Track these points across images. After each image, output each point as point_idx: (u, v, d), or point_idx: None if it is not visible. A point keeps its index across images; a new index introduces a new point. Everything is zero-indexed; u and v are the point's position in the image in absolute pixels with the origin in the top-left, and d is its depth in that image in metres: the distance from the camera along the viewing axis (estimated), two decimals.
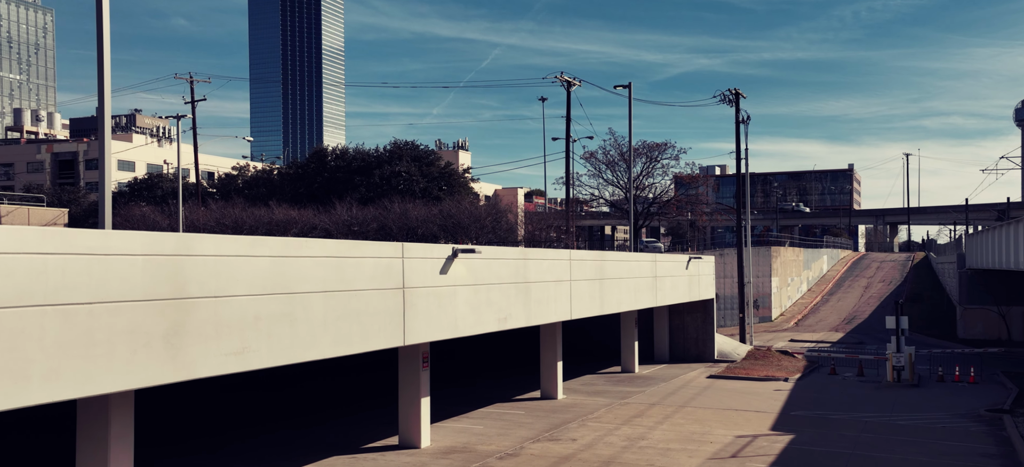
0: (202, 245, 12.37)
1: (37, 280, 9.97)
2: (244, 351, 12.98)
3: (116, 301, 10.96)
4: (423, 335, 17.60)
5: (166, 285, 11.70)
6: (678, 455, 20.57)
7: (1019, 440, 21.85)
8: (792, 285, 73.46)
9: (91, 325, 10.61)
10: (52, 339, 10.13)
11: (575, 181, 59.72)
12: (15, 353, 9.71)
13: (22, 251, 9.81)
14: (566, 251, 24.94)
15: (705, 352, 39.76)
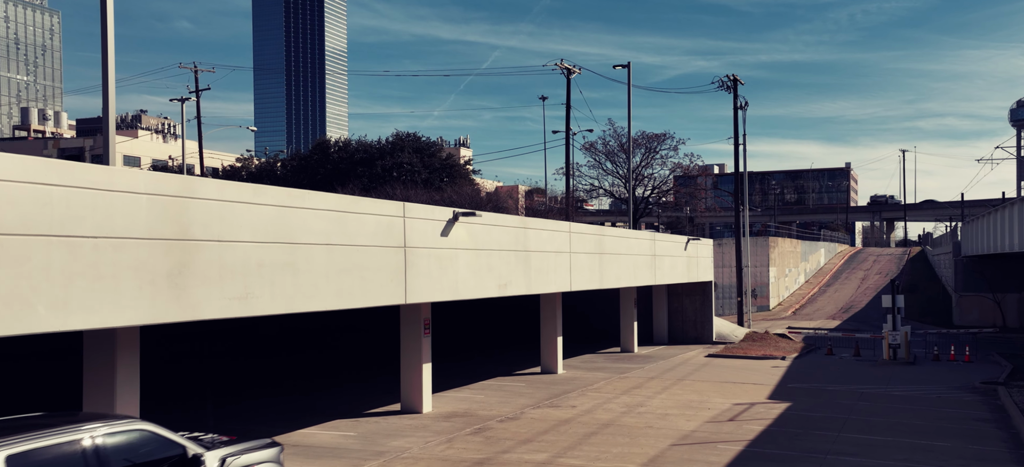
0: (206, 189, 12.39)
1: (42, 210, 9.98)
2: (247, 297, 12.99)
3: (121, 237, 10.97)
4: (424, 294, 17.60)
5: (170, 225, 11.71)
6: (676, 419, 20.58)
7: (1012, 406, 21.84)
8: (789, 276, 73.42)
9: (97, 259, 10.63)
10: (58, 269, 10.14)
11: (575, 172, 59.74)
12: (22, 280, 9.72)
13: (27, 180, 9.82)
14: (566, 223, 24.96)
15: (703, 334, 39.76)
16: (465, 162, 71.38)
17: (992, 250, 42.84)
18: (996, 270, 52.36)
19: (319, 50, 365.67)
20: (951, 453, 16.94)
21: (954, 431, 19.27)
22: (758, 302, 64.41)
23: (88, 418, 9.14)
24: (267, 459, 10.84)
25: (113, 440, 8.94)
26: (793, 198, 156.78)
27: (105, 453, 8.76)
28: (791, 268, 73.92)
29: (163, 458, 9.32)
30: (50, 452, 8.26)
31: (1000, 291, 53.00)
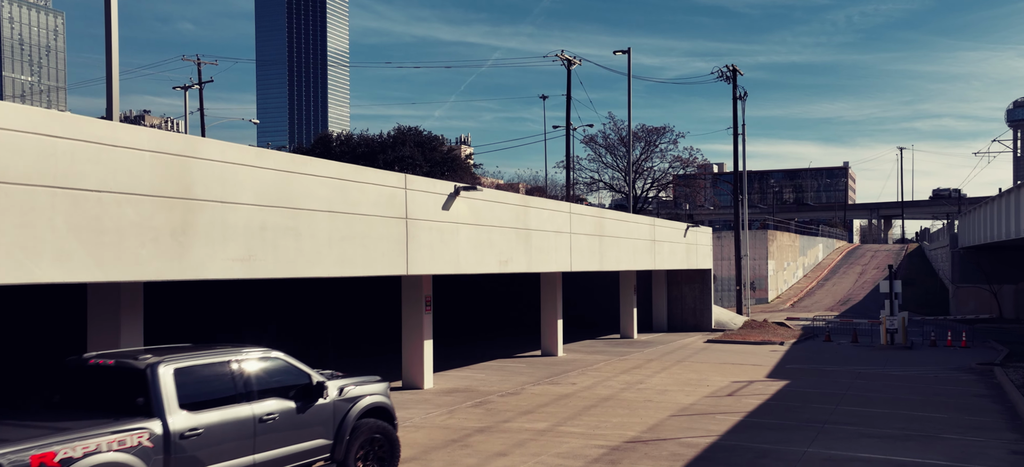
0: (208, 149, 12.39)
1: (46, 161, 9.99)
2: (250, 259, 13.00)
3: (124, 193, 10.98)
4: (426, 266, 17.60)
5: (173, 184, 11.72)
6: (676, 394, 20.58)
7: (1008, 383, 21.83)
8: (788, 269, 73.42)
9: (100, 213, 10.63)
10: (62, 221, 10.15)
11: (575, 165, 59.71)
12: (26, 229, 9.73)
13: (30, 130, 9.83)
14: (566, 203, 24.95)
15: (703, 322, 39.76)
16: (466, 156, 71.40)
17: (989, 239, 42.83)
18: (993, 262, 52.33)
19: (321, 51, 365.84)
20: (948, 423, 16.94)
21: (951, 405, 19.27)
22: (757, 295, 64.40)
23: (234, 347, 10.49)
24: (378, 391, 12.10)
25: (255, 365, 10.34)
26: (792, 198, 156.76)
27: (249, 374, 10.20)
28: (789, 262, 73.92)
29: (295, 383, 10.69)
30: (206, 369, 9.76)
31: (997, 282, 52.96)
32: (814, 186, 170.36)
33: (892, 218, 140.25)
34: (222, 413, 9.63)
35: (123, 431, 8.50)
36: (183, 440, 9.06)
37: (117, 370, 9.46)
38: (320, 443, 10.90)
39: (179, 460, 9.02)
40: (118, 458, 8.32)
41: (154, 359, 9.35)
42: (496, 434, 15.75)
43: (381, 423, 11.90)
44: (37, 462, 7.60)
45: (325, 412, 10.99)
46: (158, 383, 9.12)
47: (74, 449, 7.92)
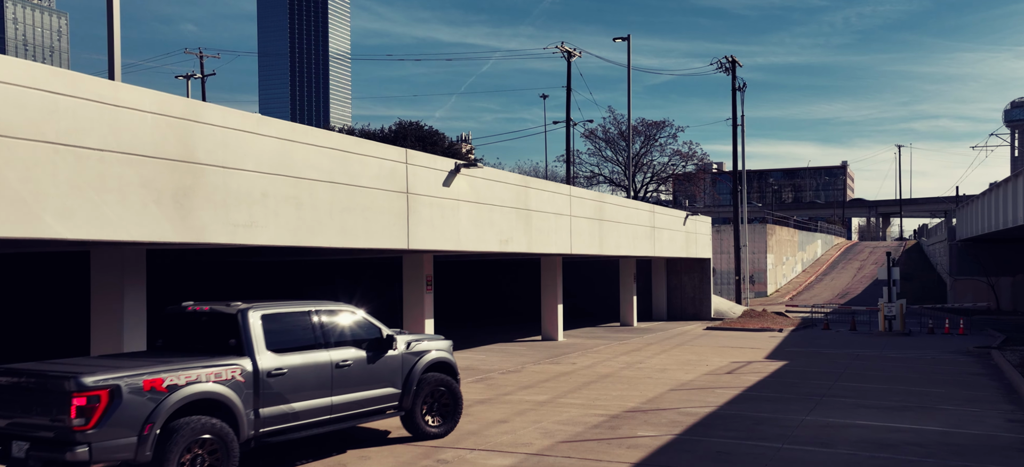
0: (210, 114, 12.39)
1: (49, 118, 9.99)
2: (252, 225, 13.00)
3: (127, 153, 10.98)
4: (427, 242, 17.60)
5: (175, 146, 11.72)
6: (675, 372, 20.58)
7: (1005, 362, 21.81)
8: (787, 264, 73.37)
9: (103, 171, 10.63)
10: (65, 178, 10.15)
11: (575, 159, 59.67)
12: (29, 184, 9.73)
13: (33, 86, 9.83)
14: (566, 186, 24.95)
15: (702, 311, 39.76)
16: (467, 151, 71.38)
17: (988, 229, 42.78)
18: (990, 255, 52.27)
19: (323, 51, 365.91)
20: (945, 396, 16.93)
21: (948, 381, 19.27)
22: (756, 288, 64.35)
23: (315, 301, 11.44)
24: (442, 348, 12.86)
25: (332, 318, 11.32)
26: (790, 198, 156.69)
27: (327, 325, 11.17)
28: (788, 256, 73.87)
29: (367, 337, 11.62)
30: (290, 318, 10.76)
31: (994, 275, 52.92)
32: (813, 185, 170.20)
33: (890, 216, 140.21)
34: (304, 357, 10.59)
35: (219, 366, 9.54)
36: (270, 378, 10.07)
37: (212, 315, 10.51)
38: (389, 391, 11.80)
39: (267, 395, 10.02)
40: (215, 389, 9.40)
41: (244, 306, 10.38)
42: (497, 404, 15.76)
43: (445, 377, 12.63)
44: (148, 386, 8.76)
45: (394, 363, 11.87)
46: (248, 326, 10.15)
47: (178, 377, 9.06)
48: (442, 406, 12.66)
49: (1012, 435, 13.19)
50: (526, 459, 11.50)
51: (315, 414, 10.66)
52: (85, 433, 8.28)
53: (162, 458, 8.79)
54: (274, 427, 10.15)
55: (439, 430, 12.59)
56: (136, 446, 8.62)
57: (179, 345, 10.67)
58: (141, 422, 8.66)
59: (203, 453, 9.19)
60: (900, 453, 11.83)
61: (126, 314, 13.58)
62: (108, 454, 8.45)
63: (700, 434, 13.13)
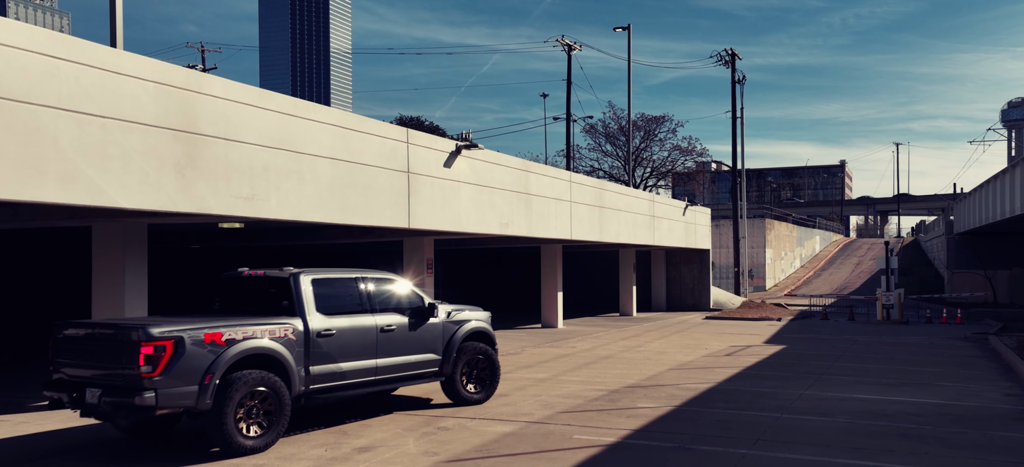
0: (212, 86, 12.36)
1: (51, 82, 9.96)
2: (253, 198, 12.97)
3: (128, 121, 10.95)
4: (428, 221, 17.56)
5: (177, 117, 11.69)
6: (674, 354, 20.55)
7: (1002, 345, 21.77)
8: (785, 259, 73.33)
9: (105, 138, 10.60)
10: (67, 143, 10.12)
11: (575, 154, 59.60)
12: (31, 148, 9.70)
13: (34, 49, 9.80)
14: (566, 172, 24.91)
15: (701, 301, 39.73)
16: None
17: (985, 221, 42.75)
18: (988, 248, 52.20)
19: (324, 52, 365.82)
20: (942, 375, 16.90)
21: (945, 362, 19.24)
22: (754, 282, 64.31)
23: (362, 269, 12.02)
24: (482, 318, 13.35)
25: (378, 285, 11.84)
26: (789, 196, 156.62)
27: (373, 292, 11.70)
28: (787, 251, 73.83)
29: (410, 304, 12.10)
30: (339, 283, 11.30)
31: (991, 268, 52.87)
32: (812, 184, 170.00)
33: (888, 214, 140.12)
34: (351, 320, 11.12)
35: (273, 325, 10.13)
36: (319, 338, 10.60)
37: (266, 279, 11.13)
38: (430, 357, 12.29)
39: (316, 354, 10.55)
40: (269, 345, 9.97)
41: (296, 270, 10.98)
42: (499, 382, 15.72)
43: (484, 346, 13.12)
44: (209, 339, 9.37)
45: (435, 330, 12.36)
46: (300, 289, 10.71)
47: (236, 332, 9.67)
48: (481, 374, 13.09)
49: (1009, 407, 13.16)
50: (527, 426, 11.48)
51: (361, 375, 11.17)
52: (152, 380, 8.90)
53: (221, 407, 9.37)
54: (323, 385, 10.67)
55: (478, 396, 13.01)
56: (197, 394, 9.22)
57: (235, 307, 11.30)
58: (202, 372, 9.25)
59: (258, 405, 9.78)
60: (897, 421, 11.81)
61: (127, 288, 13.57)
62: (172, 400, 9.04)
63: (699, 405, 13.10)
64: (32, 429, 11.54)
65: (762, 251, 65.00)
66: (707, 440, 10.58)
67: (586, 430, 11.22)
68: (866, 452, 9.93)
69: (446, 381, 12.68)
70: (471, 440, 10.60)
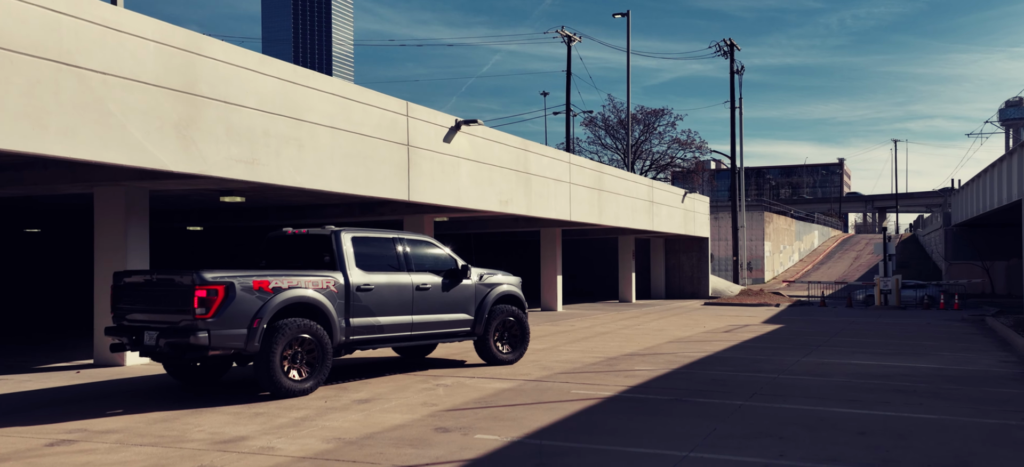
0: (212, 48, 12.32)
1: (50, 35, 9.92)
2: (254, 162, 12.93)
3: (129, 79, 10.91)
4: (428, 195, 17.52)
5: (177, 77, 11.65)
6: (673, 330, 20.53)
7: (998, 323, 21.75)
8: (784, 252, 73.25)
9: (105, 95, 10.57)
10: (68, 97, 10.09)
11: (575, 147, 59.51)
12: (32, 99, 9.67)
13: (35, 2, 9.76)
14: (565, 153, 24.85)
15: (700, 289, 39.68)
16: None
17: (984, 210, 42.63)
18: (985, 240, 52.11)
19: (326, 53, 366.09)
20: (939, 347, 16.87)
21: (943, 337, 19.21)
22: (753, 274, 64.22)
23: (399, 230, 12.52)
24: (512, 282, 13.68)
25: (414, 246, 12.30)
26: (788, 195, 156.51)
27: (409, 252, 12.15)
28: (785, 245, 73.75)
29: (446, 267, 12.55)
30: (377, 242, 11.80)
31: (989, 259, 52.78)
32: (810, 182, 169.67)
33: (886, 210, 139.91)
34: (388, 277, 11.64)
35: (316, 277, 10.69)
36: (359, 292, 11.15)
37: (309, 237, 11.63)
38: (463, 317, 12.72)
39: (356, 307, 11.10)
40: (313, 295, 10.55)
41: (337, 228, 11.49)
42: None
43: (514, 309, 13.48)
44: (257, 286, 9.98)
45: (468, 292, 12.78)
46: (341, 244, 11.27)
47: (282, 282, 10.26)
48: (512, 335, 13.50)
49: (1005, 370, 13.14)
50: (525, 383, 11.46)
51: (397, 329, 11.68)
52: (205, 321, 9.51)
53: (268, 351, 9.94)
54: (362, 337, 11.19)
55: (509, 357, 13.40)
56: (246, 337, 9.80)
57: (280, 265, 11.83)
58: (251, 316, 9.83)
59: (302, 351, 10.35)
60: (893, 381, 11.78)
61: (129, 252, 13.56)
62: (223, 342, 9.63)
63: (697, 369, 13.08)
64: (90, 378, 11.54)
65: (761, 244, 64.93)
66: (703, 394, 10.55)
67: (584, 386, 11.19)
68: (862, 403, 9.91)
69: (479, 341, 13.08)
70: (469, 394, 10.58)
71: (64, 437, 8.18)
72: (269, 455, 7.37)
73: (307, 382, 10.37)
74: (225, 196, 17.67)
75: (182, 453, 7.48)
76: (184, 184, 13.66)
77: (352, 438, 8.04)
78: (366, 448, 7.61)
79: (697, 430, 8.32)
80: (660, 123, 61.06)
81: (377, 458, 7.22)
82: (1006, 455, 7.39)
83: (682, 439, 7.91)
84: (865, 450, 7.49)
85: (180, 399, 10.38)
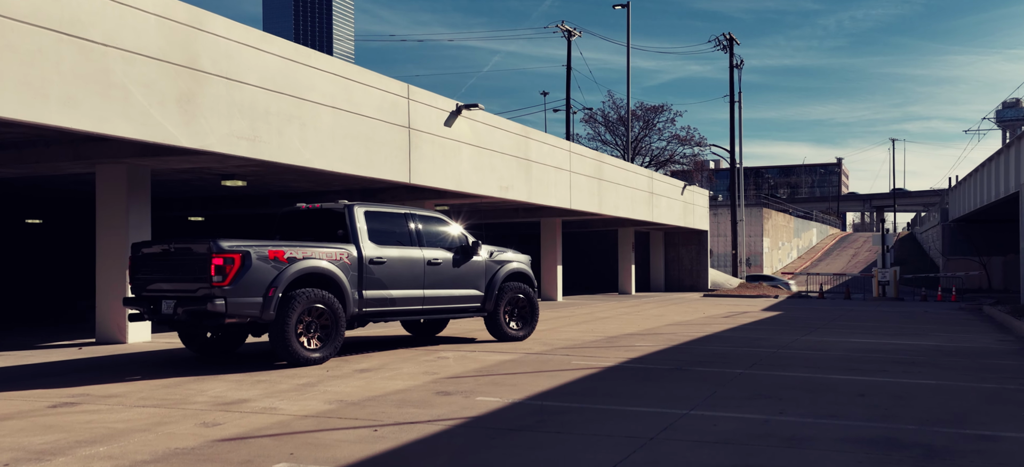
0: (214, 24, 12.30)
1: (53, 5, 9.89)
2: (256, 139, 12.91)
3: (131, 51, 10.89)
4: (428, 178, 17.50)
5: (179, 52, 11.63)
6: (672, 316, 20.51)
7: (995, 311, 21.76)
8: (783, 249, 73.25)
9: (107, 67, 10.55)
10: (69, 67, 10.06)
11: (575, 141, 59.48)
12: (33, 68, 9.65)
13: None
14: (566, 141, 24.85)
15: (699, 282, 39.66)
16: None
17: (981, 204, 42.65)
18: (982, 235, 52.11)
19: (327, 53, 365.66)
20: (937, 330, 16.88)
21: (940, 321, 19.22)
22: (752, 270, 64.25)
23: (411, 206, 12.51)
24: (522, 260, 13.71)
25: (425, 223, 12.32)
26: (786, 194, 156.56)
27: (421, 229, 12.17)
28: (784, 242, 73.75)
29: (456, 244, 12.55)
30: (390, 218, 11.83)
31: (986, 255, 52.77)
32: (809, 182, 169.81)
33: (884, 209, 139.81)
34: (401, 251, 11.68)
35: (330, 249, 10.75)
36: (372, 265, 11.21)
37: (322, 212, 11.73)
38: (474, 293, 12.74)
39: (368, 279, 11.17)
40: (327, 266, 10.60)
41: (350, 202, 11.53)
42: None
43: (524, 286, 13.52)
44: (272, 255, 10.03)
45: (478, 268, 12.81)
46: (354, 218, 11.32)
47: (297, 253, 10.32)
48: (522, 312, 13.53)
49: (1003, 347, 13.14)
50: (526, 356, 11.45)
51: (409, 302, 11.73)
52: (222, 289, 9.58)
53: (283, 319, 10.02)
54: (374, 309, 11.26)
55: (519, 333, 13.43)
56: (261, 305, 9.85)
57: (293, 240, 11.64)
58: (266, 285, 9.90)
59: (316, 321, 10.44)
60: (892, 355, 11.77)
61: (131, 229, 13.54)
62: (239, 309, 9.69)
63: (697, 345, 13.07)
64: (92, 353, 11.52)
65: (759, 240, 64.94)
66: (703, 365, 10.54)
67: (584, 358, 11.18)
68: (861, 372, 9.90)
69: (489, 317, 13.09)
70: (471, 365, 10.57)
71: (66, 400, 8.16)
72: (270, 414, 7.35)
73: (321, 351, 10.46)
74: (227, 180, 17.65)
75: (185, 412, 7.46)
76: (186, 162, 13.66)
77: (354, 400, 8.02)
78: (367, 408, 7.59)
79: (697, 393, 8.30)
80: (660, 119, 61.04)
81: (379, 416, 7.21)
82: (1002, 412, 7.39)
83: (682, 400, 7.89)
84: (865, 408, 7.47)
85: (185, 369, 10.37)
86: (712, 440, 6.18)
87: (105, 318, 13.67)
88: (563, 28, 43.77)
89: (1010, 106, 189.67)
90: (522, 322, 13.58)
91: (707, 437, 6.28)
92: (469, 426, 6.79)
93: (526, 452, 5.85)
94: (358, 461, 5.64)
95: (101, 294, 13.73)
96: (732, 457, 5.65)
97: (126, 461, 5.67)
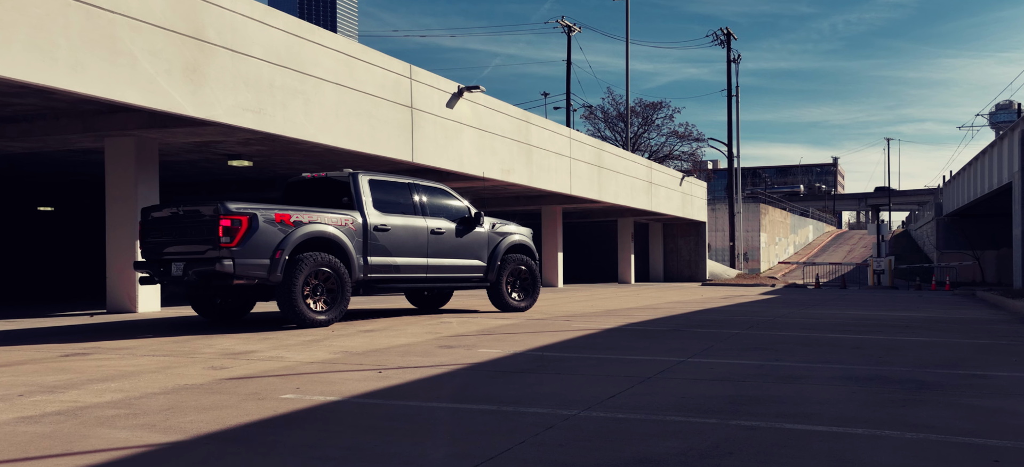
0: None
1: None
2: (260, 111, 12.97)
3: (138, 19, 10.94)
4: (430, 158, 17.55)
5: (185, 22, 11.68)
6: (671, 297, 20.57)
7: (987, 295, 21.82)
8: (780, 245, 73.25)
9: (114, 34, 10.60)
10: (76, 32, 10.11)
11: None
12: (42, 32, 9.70)
13: None
14: (566, 128, 24.89)
15: (697, 273, 39.70)
16: None
17: (974, 197, 42.70)
18: (976, 229, 52.11)
19: None
20: (931, 307, 16.92)
21: (934, 303, 19.29)
22: (749, 265, 64.20)
23: (415, 177, 12.67)
24: (524, 233, 13.72)
25: (428, 193, 12.40)
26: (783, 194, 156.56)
27: (424, 199, 12.25)
28: (781, 238, 73.76)
29: (459, 215, 12.63)
30: (394, 187, 11.90)
31: (980, 249, 52.79)
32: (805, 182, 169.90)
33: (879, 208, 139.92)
34: (404, 220, 11.78)
35: (335, 214, 10.86)
36: (376, 232, 11.31)
37: (327, 180, 11.80)
38: (476, 264, 12.82)
39: (373, 246, 11.27)
40: (332, 230, 10.70)
41: (354, 170, 11.61)
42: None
43: (526, 258, 13.59)
44: (279, 219, 10.11)
45: (481, 239, 12.88)
46: (359, 186, 11.41)
47: (303, 217, 10.40)
48: (524, 283, 13.61)
49: (996, 317, 13.19)
50: (527, 321, 11.51)
51: (413, 270, 11.83)
52: (230, 250, 9.68)
53: (290, 281, 10.10)
54: (379, 275, 11.36)
55: (521, 304, 13.54)
56: (268, 267, 9.97)
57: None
58: (273, 247, 9.98)
59: (322, 284, 10.53)
60: (886, 322, 11.82)
61: (139, 201, 13.58)
62: (247, 270, 9.79)
63: (694, 315, 13.13)
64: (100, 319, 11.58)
65: (757, 235, 64.92)
66: (702, 328, 10.59)
67: (584, 323, 11.23)
68: (855, 332, 9.96)
69: (491, 288, 13.17)
70: (474, 327, 10.63)
71: (78, 352, 8.22)
72: (278, 361, 7.41)
73: (327, 314, 10.54)
74: (233, 160, 17.69)
75: (193, 360, 7.51)
76: (193, 135, 13.70)
77: (359, 351, 8.08)
78: (372, 357, 7.65)
79: (694, 346, 8.36)
80: (658, 116, 61.13)
81: (383, 362, 7.26)
82: (994, 359, 7.44)
83: (679, 351, 7.94)
84: (860, 356, 7.53)
85: (194, 329, 10.44)
86: (709, 378, 6.23)
87: (115, 288, 13.72)
88: (563, 23, 43.81)
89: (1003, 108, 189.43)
90: (524, 293, 13.64)
91: (704, 376, 6.33)
92: (471, 370, 6.85)
93: (527, 388, 5.91)
94: (363, 393, 5.71)
95: (111, 264, 13.78)
96: (729, 390, 5.71)
97: (136, 393, 5.73)
